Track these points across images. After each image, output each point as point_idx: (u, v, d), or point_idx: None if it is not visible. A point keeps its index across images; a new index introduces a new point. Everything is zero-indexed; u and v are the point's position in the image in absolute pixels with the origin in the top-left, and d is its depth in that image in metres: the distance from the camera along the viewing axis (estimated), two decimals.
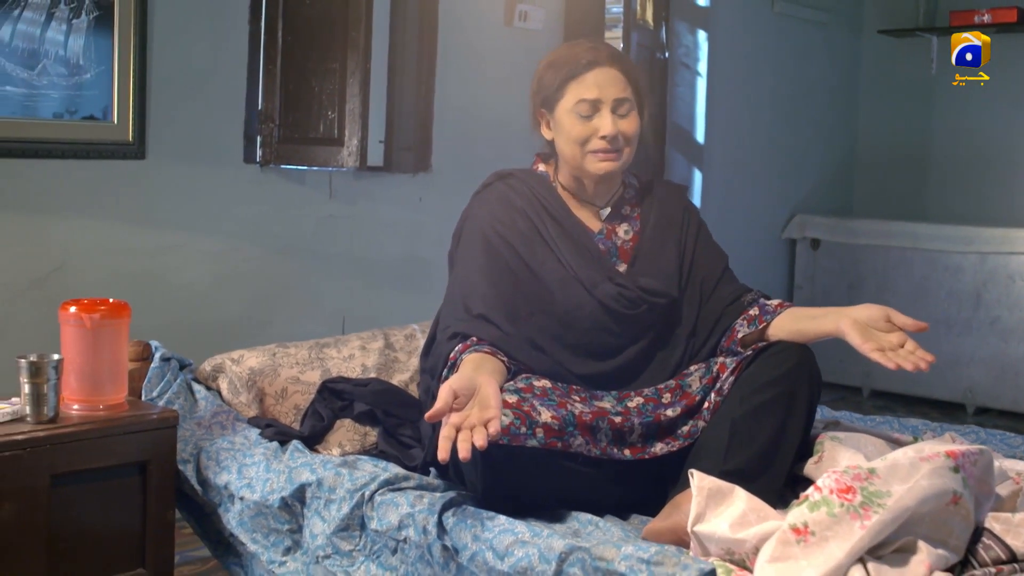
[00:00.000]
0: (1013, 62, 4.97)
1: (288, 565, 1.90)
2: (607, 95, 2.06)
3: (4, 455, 1.81)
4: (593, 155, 2.08)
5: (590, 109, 2.06)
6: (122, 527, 1.99)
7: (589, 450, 1.81)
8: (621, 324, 2.05)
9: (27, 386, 1.90)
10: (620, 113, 2.07)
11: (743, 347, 2.02)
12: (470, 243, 2.09)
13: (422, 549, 1.71)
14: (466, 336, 1.94)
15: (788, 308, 2.04)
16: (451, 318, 2.01)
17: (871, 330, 1.87)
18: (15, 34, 2.82)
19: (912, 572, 1.39)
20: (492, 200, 2.14)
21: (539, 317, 2.04)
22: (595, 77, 2.07)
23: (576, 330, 2.05)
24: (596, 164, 2.08)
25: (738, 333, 2.04)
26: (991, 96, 5.17)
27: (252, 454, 2.01)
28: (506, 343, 1.94)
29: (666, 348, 2.08)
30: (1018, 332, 4.74)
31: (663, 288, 2.08)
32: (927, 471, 1.46)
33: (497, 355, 1.90)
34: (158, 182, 3.14)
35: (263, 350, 2.33)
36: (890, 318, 1.89)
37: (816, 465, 1.85)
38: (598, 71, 2.07)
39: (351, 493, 1.82)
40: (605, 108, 2.06)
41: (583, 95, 2.06)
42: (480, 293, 2.01)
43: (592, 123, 2.07)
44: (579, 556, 1.53)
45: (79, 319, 1.97)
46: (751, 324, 2.04)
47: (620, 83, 2.07)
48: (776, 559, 1.38)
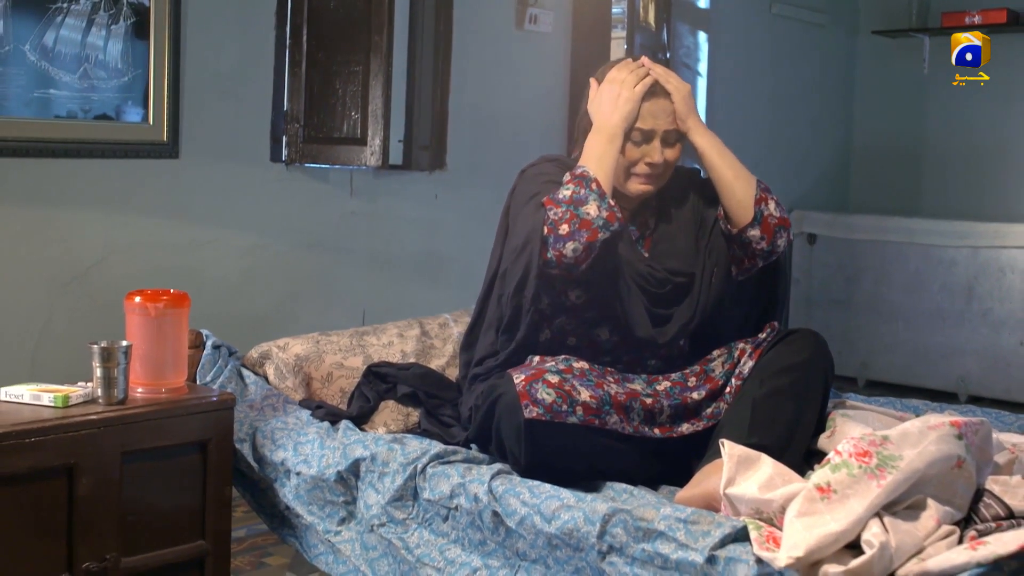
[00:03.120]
0: (1004, 61, 5.12)
1: (343, 534, 2.05)
2: (660, 126, 2.17)
3: (81, 434, 1.96)
4: (636, 177, 2.20)
5: (642, 138, 2.18)
6: (184, 502, 2.13)
7: (623, 428, 1.98)
8: (650, 302, 2.19)
9: (99, 370, 2.04)
10: (667, 143, 2.19)
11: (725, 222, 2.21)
12: (526, 189, 2.21)
13: (473, 515, 1.87)
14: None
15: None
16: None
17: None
18: (58, 40, 2.96)
19: (922, 525, 1.56)
20: (541, 168, 2.26)
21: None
22: (650, 108, 2.17)
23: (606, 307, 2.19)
24: (636, 186, 2.20)
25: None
26: (983, 94, 5.32)
27: (306, 433, 2.16)
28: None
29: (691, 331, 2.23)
30: (1009, 323, 4.88)
31: (683, 267, 2.21)
32: (934, 438, 1.63)
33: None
34: (191, 180, 3.28)
35: (306, 338, 2.48)
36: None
37: (829, 439, 2.03)
38: (653, 102, 2.18)
39: (404, 466, 1.98)
40: (656, 138, 2.17)
41: (639, 124, 2.16)
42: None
43: (641, 149, 2.18)
44: (621, 517, 1.69)
45: (144, 308, 2.12)
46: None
47: (671, 115, 2.18)
48: (803, 514, 1.55)
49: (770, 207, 2.16)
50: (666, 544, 1.65)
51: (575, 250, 2.02)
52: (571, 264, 2.04)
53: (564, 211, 2.04)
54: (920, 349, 5.12)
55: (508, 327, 2.15)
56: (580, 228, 2.02)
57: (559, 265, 2.04)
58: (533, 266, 2.05)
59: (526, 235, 2.08)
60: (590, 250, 2.04)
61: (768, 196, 2.18)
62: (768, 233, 2.16)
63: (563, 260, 2.03)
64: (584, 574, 1.74)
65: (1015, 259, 4.86)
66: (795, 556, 1.48)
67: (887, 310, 5.23)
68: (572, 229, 2.02)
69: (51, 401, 2.00)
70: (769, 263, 2.23)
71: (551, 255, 2.03)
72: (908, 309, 5.18)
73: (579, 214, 2.03)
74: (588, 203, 2.04)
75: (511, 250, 2.13)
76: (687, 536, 1.63)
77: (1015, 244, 4.87)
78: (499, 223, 2.28)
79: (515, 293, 2.10)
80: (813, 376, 2.04)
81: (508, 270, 2.13)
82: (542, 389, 1.90)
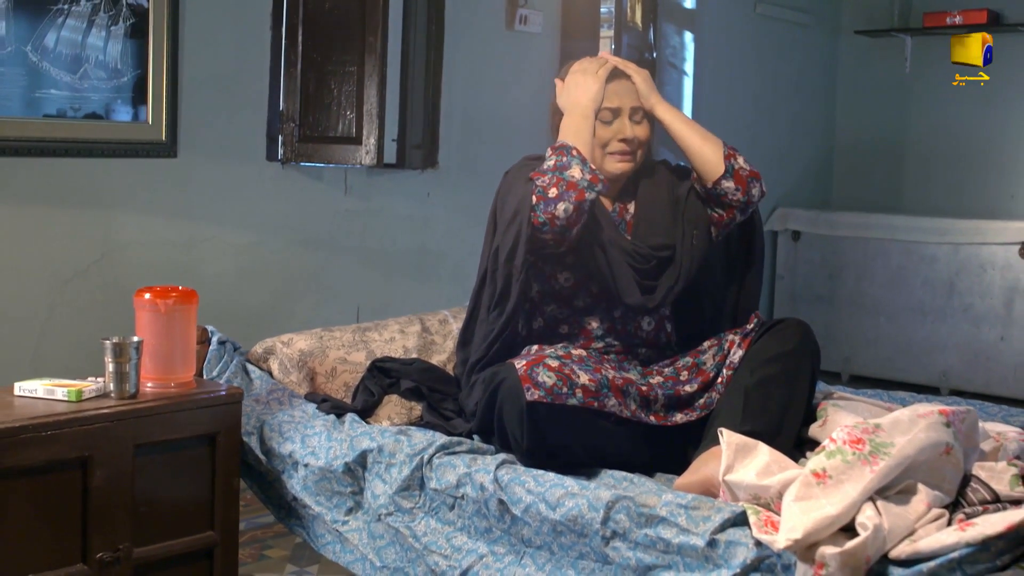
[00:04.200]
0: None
1: (350, 523, 2.11)
2: (625, 103, 2.35)
3: (95, 427, 2.01)
4: (612, 156, 2.35)
5: (611, 116, 2.34)
6: (193, 494, 2.18)
7: (621, 411, 2.06)
8: (637, 276, 2.29)
9: (111, 365, 2.09)
10: (635, 120, 2.36)
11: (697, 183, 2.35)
12: (510, 189, 2.32)
13: (479, 504, 1.93)
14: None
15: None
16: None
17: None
18: (59, 41, 3.01)
19: (913, 508, 1.63)
20: (523, 164, 2.39)
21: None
22: (614, 88, 2.35)
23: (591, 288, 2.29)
24: (614, 165, 2.35)
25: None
26: (964, 94, 5.41)
27: (313, 425, 2.22)
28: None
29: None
30: (989, 319, 4.97)
31: (665, 240, 2.33)
32: (924, 425, 1.70)
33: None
34: (189, 179, 3.33)
35: (310, 334, 2.53)
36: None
37: (821, 428, 2.10)
38: (617, 83, 2.36)
39: (410, 457, 2.04)
40: (624, 115, 2.34)
41: (606, 104, 2.33)
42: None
43: (612, 127, 2.34)
44: (624, 504, 1.76)
45: (154, 304, 2.17)
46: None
47: (634, 94, 2.36)
48: (800, 498, 1.62)
49: (739, 161, 2.32)
50: (668, 529, 1.71)
51: (566, 210, 2.16)
52: (564, 226, 2.17)
53: (550, 178, 2.19)
54: (902, 344, 5.21)
55: (499, 299, 2.26)
56: (568, 189, 2.17)
57: (552, 228, 2.17)
58: (523, 233, 2.19)
59: (515, 206, 2.23)
60: (580, 210, 2.18)
61: (735, 152, 2.34)
62: (742, 184, 2.31)
63: (556, 222, 2.16)
64: (588, 559, 1.81)
65: (995, 255, 4.95)
66: (793, 538, 1.56)
67: (870, 306, 5.32)
68: (560, 191, 2.17)
69: (65, 395, 2.05)
70: (745, 218, 2.38)
71: (543, 218, 2.17)
72: (890, 305, 5.27)
73: (564, 177, 2.18)
74: (571, 167, 2.20)
75: (503, 223, 2.26)
76: (688, 521, 1.70)
77: (995, 240, 4.95)
78: (487, 224, 2.38)
79: (506, 261, 2.23)
80: (801, 363, 2.13)
81: (500, 244, 2.26)
82: (543, 372, 1.98)
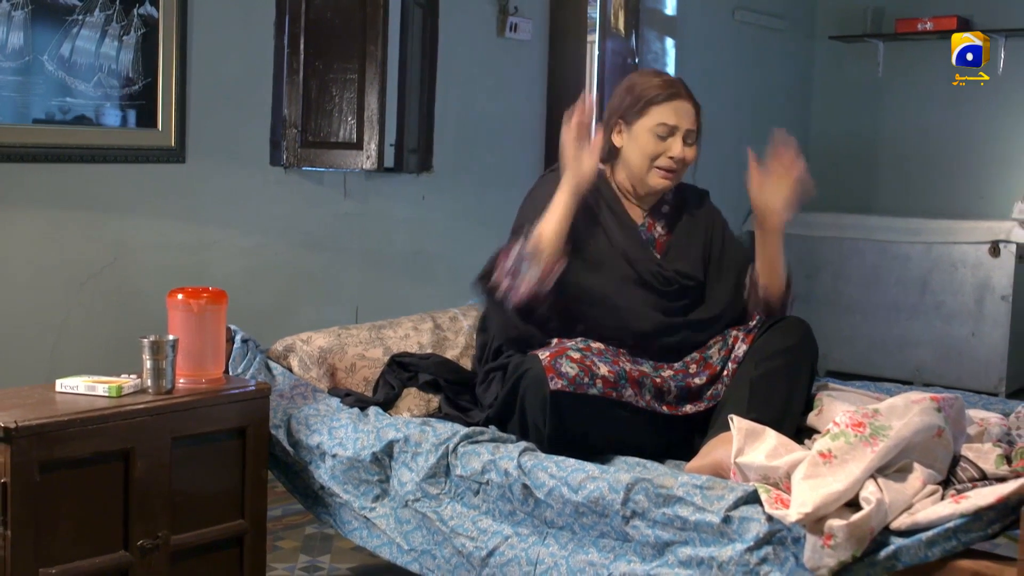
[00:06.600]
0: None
1: (378, 510, 2.24)
2: (683, 123, 2.42)
3: (136, 420, 2.12)
4: (657, 171, 2.44)
5: (667, 132, 2.42)
6: (225, 484, 2.29)
7: (637, 401, 2.20)
8: (656, 299, 2.41)
9: (149, 362, 2.19)
10: (688, 142, 2.44)
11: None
12: (538, 193, 2.44)
13: (503, 488, 2.06)
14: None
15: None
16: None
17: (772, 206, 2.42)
18: (75, 50, 3.11)
19: (910, 485, 1.79)
20: (545, 189, 2.46)
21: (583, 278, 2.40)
22: (676, 106, 2.42)
23: (612, 301, 2.41)
24: (657, 179, 2.45)
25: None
26: (936, 97, 5.61)
27: (339, 418, 2.34)
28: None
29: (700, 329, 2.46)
30: (960, 315, 5.13)
31: (692, 272, 2.45)
32: (918, 410, 1.86)
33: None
34: (197, 184, 3.43)
35: (328, 332, 2.65)
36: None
37: (817, 417, 2.25)
38: (679, 102, 2.43)
39: (436, 446, 2.17)
40: (679, 134, 2.42)
41: (665, 119, 2.41)
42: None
43: (665, 143, 2.42)
44: (643, 485, 1.90)
45: (187, 304, 2.28)
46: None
47: (693, 117, 2.44)
48: (808, 476, 1.77)
49: (788, 300, 2.50)
50: (685, 508, 1.86)
51: (528, 292, 2.30)
52: (535, 294, 2.31)
53: (512, 267, 2.33)
54: (877, 341, 5.37)
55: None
56: (522, 284, 2.31)
57: (528, 301, 2.31)
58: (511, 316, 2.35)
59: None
60: (540, 288, 2.31)
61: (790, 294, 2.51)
62: (777, 314, 2.46)
63: (526, 299, 2.31)
64: (609, 537, 1.94)
65: (966, 254, 5.12)
66: (804, 512, 1.71)
67: (846, 304, 5.48)
68: (516, 282, 2.31)
69: (106, 391, 2.16)
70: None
71: (518, 301, 2.31)
72: (865, 303, 5.43)
73: (521, 272, 2.31)
74: (529, 272, 2.31)
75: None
76: (704, 500, 1.85)
77: (966, 240, 5.11)
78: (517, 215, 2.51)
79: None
80: (802, 359, 2.28)
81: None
82: (566, 363, 2.12)
